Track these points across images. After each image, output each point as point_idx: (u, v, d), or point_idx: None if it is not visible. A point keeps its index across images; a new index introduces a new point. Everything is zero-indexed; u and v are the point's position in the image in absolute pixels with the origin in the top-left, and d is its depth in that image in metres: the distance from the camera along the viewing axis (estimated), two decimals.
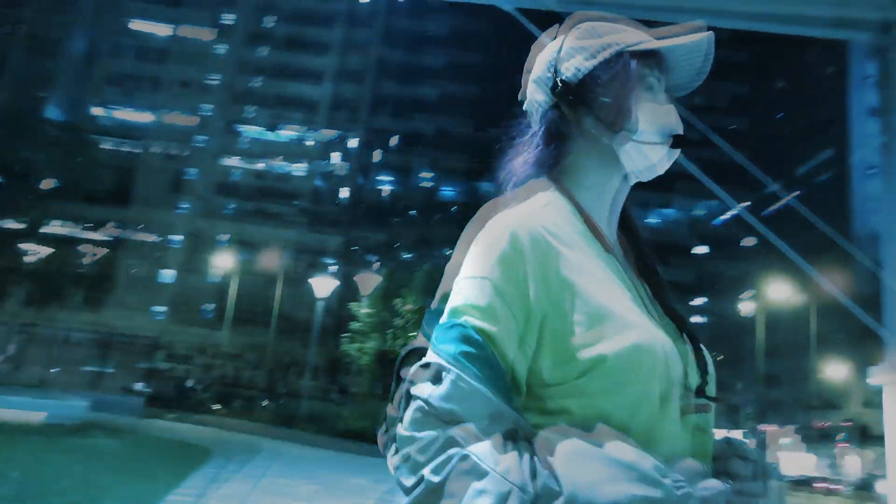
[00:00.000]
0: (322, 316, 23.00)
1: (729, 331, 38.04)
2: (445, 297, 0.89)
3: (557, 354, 0.83)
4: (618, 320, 0.83)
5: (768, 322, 31.85)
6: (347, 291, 32.40)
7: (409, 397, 0.81)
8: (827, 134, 37.27)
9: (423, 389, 0.79)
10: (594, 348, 0.81)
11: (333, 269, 38.60)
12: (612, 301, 0.85)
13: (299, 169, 46.65)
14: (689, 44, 0.95)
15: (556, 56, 0.99)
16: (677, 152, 0.98)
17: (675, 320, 0.94)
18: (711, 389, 0.91)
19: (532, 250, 0.85)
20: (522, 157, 1.02)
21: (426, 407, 0.78)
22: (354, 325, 25.55)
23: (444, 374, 0.79)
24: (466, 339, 0.81)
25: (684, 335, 0.93)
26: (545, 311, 0.83)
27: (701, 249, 45.41)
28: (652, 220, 45.96)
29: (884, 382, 4.07)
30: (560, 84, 0.97)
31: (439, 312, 0.88)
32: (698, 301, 43.84)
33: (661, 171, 0.98)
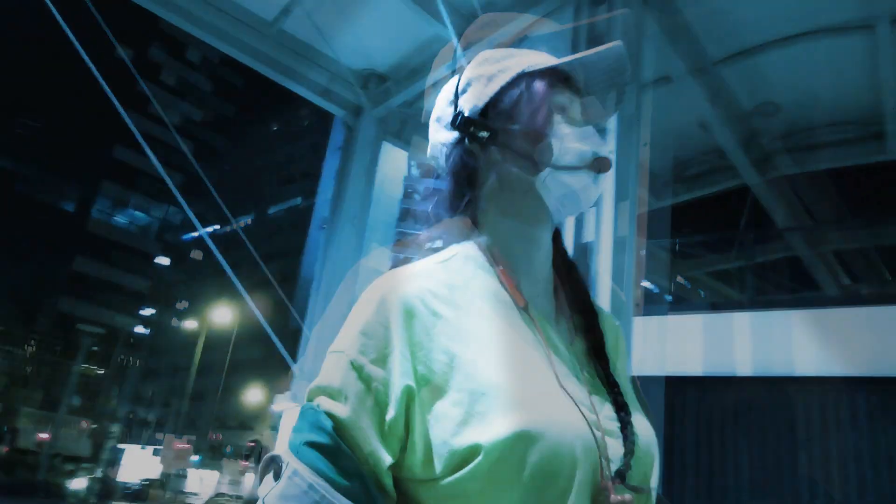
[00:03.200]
0: None
1: (172, 344, 38.10)
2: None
3: (429, 444, 0.66)
4: (504, 398, 0.65)
5: (210, 341, 33.12)
6: None
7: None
8: (303, 184, 41.90)
9: (265, 488, 0.68)
10: (467, 436, 0.64)
11: None
12: (506, 373, 0.68)
13: None
14: (599, 60, 0.86)
15: (456, 90, 0.89)
16: (603, 177, 0.86)
17: (608, 387, 0.77)
18: (639, 476, 0.72)
19: (403, 319, 0.71)
20: (433, 206, 0.90)
21: None
22: None
23: (282, 468, 0.67)
24: (316, 426, 0.68)
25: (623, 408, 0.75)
26: (415, 391, 0.68)
27: (163, 260, 44.75)
28: (120, 219, 43.30)
29: (283, 409, 4.69)
30: (460, 117, 0.86)
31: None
32: (147, 311, 42.85)
33: (590, 202, 0.85)
